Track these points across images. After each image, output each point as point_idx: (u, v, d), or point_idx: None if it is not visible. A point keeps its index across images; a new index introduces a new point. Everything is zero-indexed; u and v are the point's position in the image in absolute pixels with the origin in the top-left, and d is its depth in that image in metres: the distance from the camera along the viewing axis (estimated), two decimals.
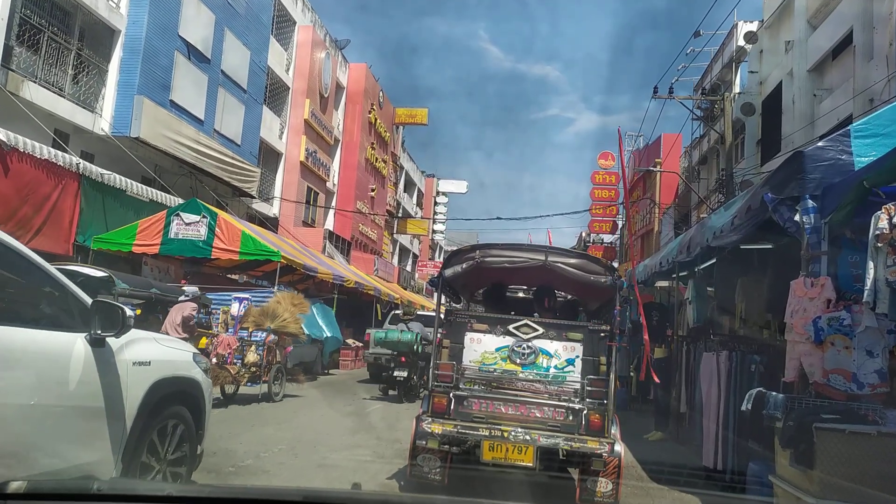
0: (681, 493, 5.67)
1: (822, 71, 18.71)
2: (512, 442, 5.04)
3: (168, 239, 11.94)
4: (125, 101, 15.63)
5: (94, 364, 3.50)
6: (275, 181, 25.48)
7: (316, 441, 7.64)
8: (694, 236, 6.48)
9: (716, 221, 5.64)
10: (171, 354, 4.41)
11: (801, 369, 4.10)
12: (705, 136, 27.54)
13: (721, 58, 24.99)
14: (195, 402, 4.49)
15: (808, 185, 4.00)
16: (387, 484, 5.59)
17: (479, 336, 5.45)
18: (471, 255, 5.69)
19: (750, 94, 22.66)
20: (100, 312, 3.56)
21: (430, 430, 5.16)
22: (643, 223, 38.74)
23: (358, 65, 33.31)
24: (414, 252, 50.59)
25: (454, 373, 5.37)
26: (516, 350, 5.35)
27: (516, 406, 5.27)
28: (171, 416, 4.19)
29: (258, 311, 10.99)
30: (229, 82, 20.07)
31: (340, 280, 15.75)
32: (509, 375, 5.34)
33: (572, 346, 5.36)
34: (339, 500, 2.15)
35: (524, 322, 5.44)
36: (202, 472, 4.83)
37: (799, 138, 18.10)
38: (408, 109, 39.76)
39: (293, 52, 25.88)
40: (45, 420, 3.24)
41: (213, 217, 11.95)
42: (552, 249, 5.90)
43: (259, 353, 10.49)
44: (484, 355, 5.40)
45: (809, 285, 4.12)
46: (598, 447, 5.03)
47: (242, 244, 11.90)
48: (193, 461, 4.46)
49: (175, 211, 12.08)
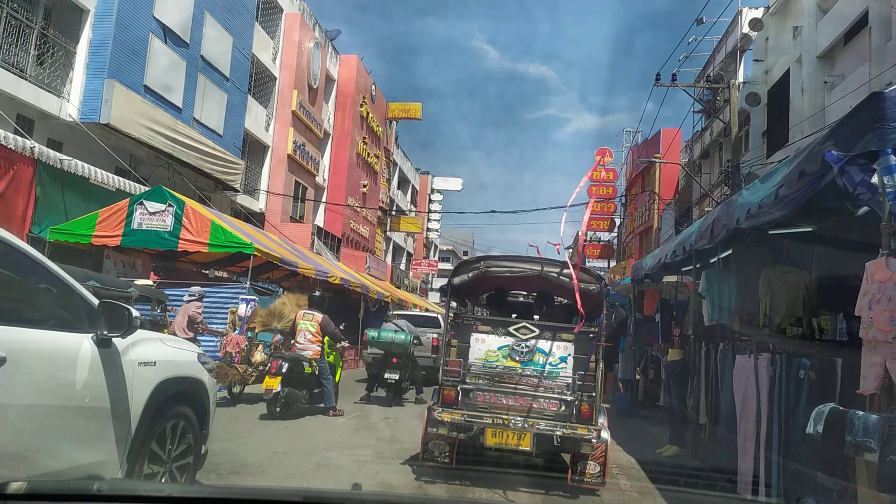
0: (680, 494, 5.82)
1: (832, 57, 17.82)
2: (512, 429, 5.74)
3: (131, 230, 10.86)
4: (94, 85, 14.64)
5: (100, 365, 3.53)
6: (261, 175, 24.47)
7: (316, 441, 7.61)
8: (719, 218, 5.49)
9: (749, 197, 4.68)
10: (177, 355, 4.41)
11: (886, 378, 3.14)
12: (707, 130, 26.65)
13: (724, 47, 24.07)
14: (200, 403, 4.50)
15: (889, 136, 3.05)
16: (387, 484, 5.65)
17: (483, 336, 6.11)
18: (476, 265, 6.57)
19: (755, 83, 21.74)
20: (106, 313, 3.57)
21: (441, 418, 5.80)
22: (642, 220, 37.85)
23: (349, 56, 32.32)
24: (408, 250, 49.61)
25: (461, 368, 6.02)
26: (516, 349, 6.02)
27: (516, 398, 5.92)
28: (175, 416, 4.19)
29: (265, 312, 10.94)
30: (210, 69, 19.07)
31: (324, 276, 14.76)
32: (510, 371, 6.01)
33: (565, 345, 6.02)
34: (339, 500, 2.17)
35: (523, 324, 6.11)
36: (204, 472, 4.95)
37: (808, 128, 17.26)
38: (401, 104, 38.75)
39: (280, 41, 24.88)
40: (50, 420, 3.25)
41: (179, 206, 10.90)
42: (547, 261, 6.64)
43: (266, 352, 10.37)
44: (487, 353, 6.06)
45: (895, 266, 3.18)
46: (587, 434, 5.66)
47: (212, 235, 10.85)
48: (198, 461, 4.48)
49: (139, 199, 11.01)
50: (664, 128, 33.38)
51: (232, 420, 8.48)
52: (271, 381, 8.85)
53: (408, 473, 6.08)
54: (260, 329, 11.10)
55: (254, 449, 6.86)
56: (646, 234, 37.36)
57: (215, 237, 10.87)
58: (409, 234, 47.80)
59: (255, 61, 22.82)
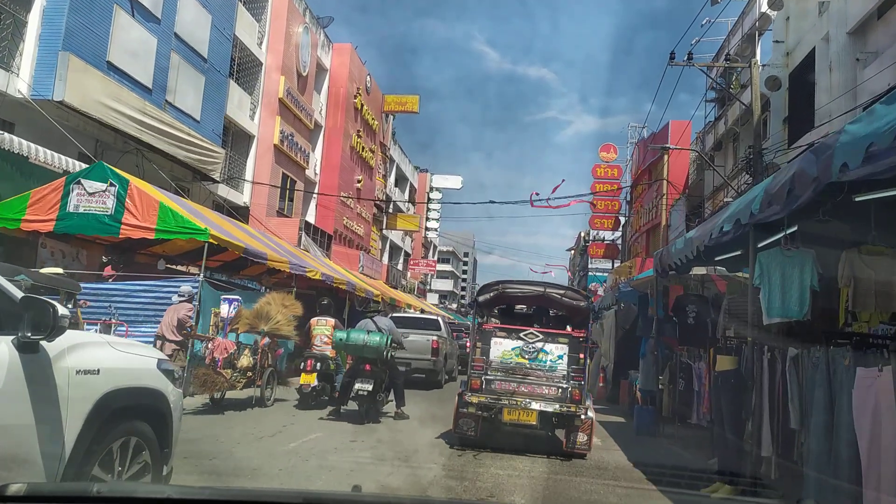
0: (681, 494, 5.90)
1: (864, 32, 16.28)
2: (522, 408, 7.56)
3: (66, 213, 9.15)
4: (48, 59, 13.11)
5: (20, 373, 3.08)
6: (245, 166, 22.93)
7: (315, 443, 7.64)
8: (802, 171, 3.84)
9: (863, 129, 3.12)
10: (129, 361, 3.95)
11: None
12: (721, 119, 25.08)
13: (741, 28, 22.51)
14: (159, 417, 4.05)
15: None
16: (387, 485, 5.70)
17: (501, 340, 7.87)
18: (496, 287, 8.63)
19: (775, 66, 20.19)
20: (30, 311, 3.11)
21: (470, 400, 7.61)
22: (649, 217, 36.27)
23: (342, 45, 30.80)
24: (406, 250, 48.04)
25: (484, 364, 7.78)
26: (525, 349, 7.78)
27: (525, 385, 7.70)
28: (126, 433, 3.75)
29: (251, 313, 10.51)
30: (185, 48, 17.53)
31: (301, 270, 13.18)
32: (520, 366, 7.76)
33: (561, 347, 7.77)
34: (339, 501, 2.20)
35: (530, 331, 7.94)
36: (203, 475, 5.13)
37: (836, 109, 15.75)
38: (397, 97, 37.24)
39: (267, 24, 23.36)
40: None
41: (123, 185, 9.20)
42: (548, 284, 9.15)
43: (254, 357, 10.13)
44: (503, 352, 7.80)
45: None
46: (577, 411, 7.46)
47: (160, 220, 9.14)
48: (160, 483, 4.02)
49: (76, 178, 9.37)
50: (673, 120, 31.85)
51: (225, 424, 8.52)
52: (308, 377, 10.05)
53: (453, 430, 7.85)
54: (244, 331, 10.53)
55: (252, 452, 6.89)
56: (653, 231, 35.76)
57: (164, 222, 9.21)
58: (406, 234, 46.24)
59: (239, 44, 21.30)
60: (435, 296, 70.01)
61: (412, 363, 15.67)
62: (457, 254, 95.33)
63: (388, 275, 36.84)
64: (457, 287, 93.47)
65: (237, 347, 9.96)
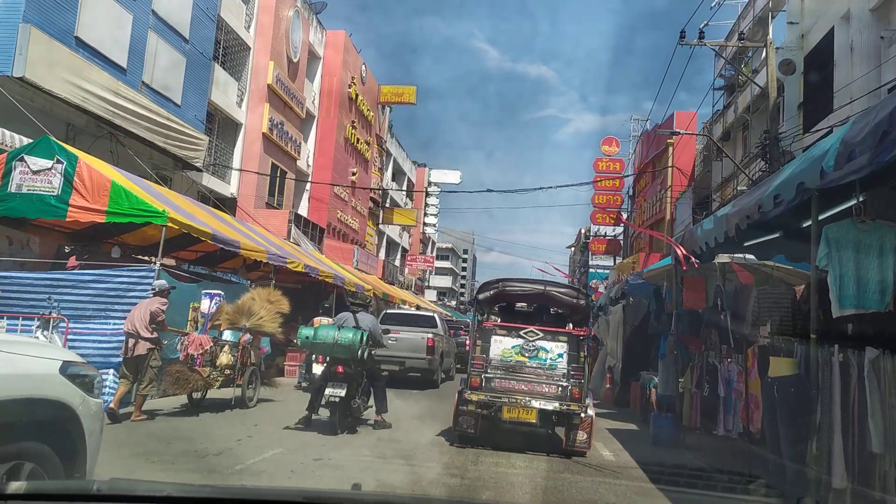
0: None
1: (889, 8, 15.23)
2: (522, 406, 7.65)
3: (7, 193, 8.11)
4: (6, 32, 12.03)
5: None
6: (233, 155, 21.86)
7: (269, 464, 6.78)
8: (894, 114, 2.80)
9: None
10: (16, 366, 3.21)
11: None
12: (730, 107, 24.02)
13: (752, 10, 21.42)
14: (65, 435, 3.40)
15: None
16: (387, 483, 5.60)
17: (501, 338, 7.97)
18: (496, 285, 8.92)
19: (789, 49, 19.11)
20: None
21: (470, 398, 7.68)
22: (653, 211, 35.21)
23: (336, 32, 29.70)
24: (403, 246, 46.96)
25: (484, 362, 7.85)
26: (525, 347, 7.88)
27: (525, 383, 7.81)
28: (15, 456, 3.05)
29: (233, 309, 10.07)
30: (164, 27, 16.45)
31: (281, 261, 12.10)
32: (520, 364, 7.87)
33: (561, 345, 7.89)
34: (339, 500, 2.16)
35: (530, 329, 8.03)
36: (203, 473, 5.33)
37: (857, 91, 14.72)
38: (394, 87, 36.10)
39: (255, 6, 22.28)
40: None
41: (71, 162, 8.07)
42: (548, 282, 9.66)
43: (233, 354, 9.60)
44: (504, 350, 7.91)
45: None
46: (577, 409, 7.54)
47: (112, 201, 8.02)
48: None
49: (18, 154, 8.25)
50: (678, 111, 30.83)
51: (223, 424, 8.30)
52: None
53: (453, 428, 7.76)
54: (225, 327, 10.10)
55: (251, 451, 6.68)
56: (657, 227, 34.70)
57: (116, 203, 8.10)
58: (404, 229, 45.17)
59: (224, 26, 20.22)
60: (433, 292, 68.97)
61: (406, 362, 14.67)
62: (456, 251, 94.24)
63: (385, 270, 35.80)
64: (456, 284, 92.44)
65: (213, 343, 9.48)
